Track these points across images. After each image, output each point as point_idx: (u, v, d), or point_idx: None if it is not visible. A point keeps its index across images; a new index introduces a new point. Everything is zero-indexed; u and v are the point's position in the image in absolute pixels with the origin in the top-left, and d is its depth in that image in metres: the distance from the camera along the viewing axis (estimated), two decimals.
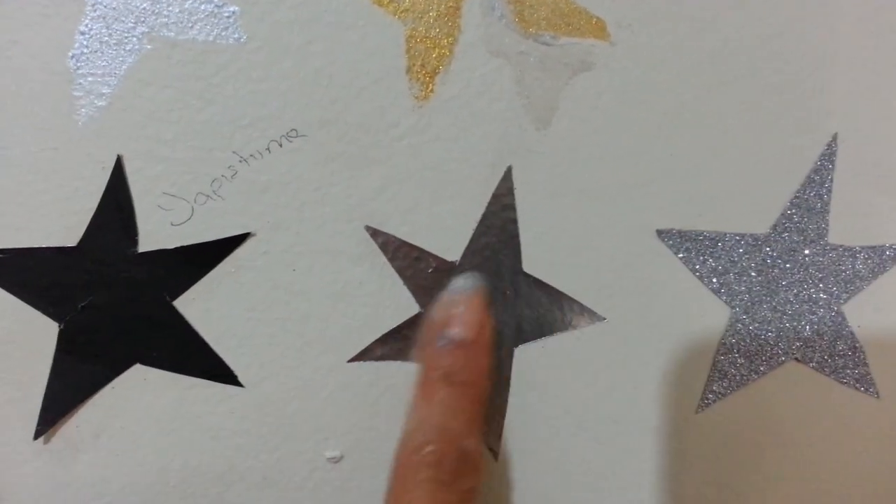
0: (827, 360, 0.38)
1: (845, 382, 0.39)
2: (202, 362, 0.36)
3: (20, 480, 0.36)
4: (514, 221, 0.36)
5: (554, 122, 0.35)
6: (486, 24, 0.34)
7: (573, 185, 0.36)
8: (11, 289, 0.35)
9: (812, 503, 0.40)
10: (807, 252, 0.37)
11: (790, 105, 0.36)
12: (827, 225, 0.37)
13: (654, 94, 0.36)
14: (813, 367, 0.38)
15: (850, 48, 0.36)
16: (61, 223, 0.34)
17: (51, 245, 0.35)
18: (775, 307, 0.37)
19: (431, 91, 0.34)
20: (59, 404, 0.36)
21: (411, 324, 0.37)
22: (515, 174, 0.36)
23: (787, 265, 0.37)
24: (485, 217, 0.36)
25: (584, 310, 0.37)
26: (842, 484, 0.40)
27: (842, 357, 0.38)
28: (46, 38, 0.33)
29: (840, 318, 0.38)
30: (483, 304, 0.33)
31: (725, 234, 0.37)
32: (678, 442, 0.38)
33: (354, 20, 0.34)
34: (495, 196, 0.36)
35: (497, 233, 0.36)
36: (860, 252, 0.37)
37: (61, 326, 0.35)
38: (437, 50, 0.34)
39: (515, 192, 0.36)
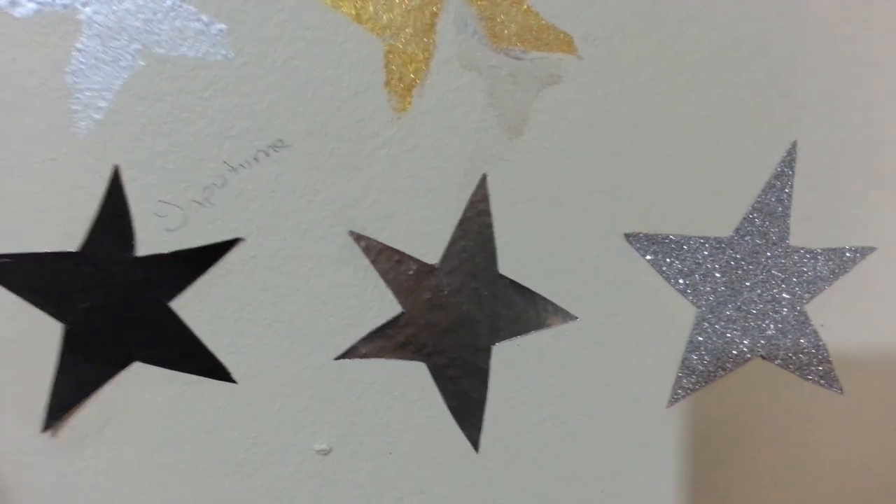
0: (791, 358, 0.38)
1: (810, 379, 0.38)
2: (197, 360, 0.36)
3: (29, 471, 0.37)
4: (490, 226, 0.36)
5: (525, 132, 0.35)
6: (460, 39, 0.34)
7: (545, 192, 0.36)
8: (17, 291, 0.35)
9: (778, 494, 0.39)
10: (769, 254, 0.37)
11: (751, 113, 0.36)
12: (788, 228, 0.37)
13: (620, 105, 0.36)
14: (778, 364, 0.38)
15: (810, 59, 0.36)
16: (63, 229, 0.35)
17: (53, 250, 0.35)
18: (740, 307, 0.37)
19: (409, 103, 0.34)
20: (65, 399, 0.36)
21: (394, 323, 0.37)
22: (490, 181, 0.36)
23: (751, 267, 0.37)
24: (462, 222, 0.36)
25: (557, 309, 0.37)
26: (807, 476, 0.40)
27: (806, 354, 0.38)
28: (45, 55, 0.34)
29: (803, 318, 0.38)
30: None
31: (690, 238, 0.37)
32: (650, 435, 0.38)
33: (335, 37, 0.34)
34: (471, 202, 0.36)
35: (473, 237, 0.36)
36: (821, 254, 0.37)
37: (66, 327, 0.35)
38: (413, 64, 0.34)
39: (490, 198, 0.36)
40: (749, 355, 0.38)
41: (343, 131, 0.35)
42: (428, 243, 0.37)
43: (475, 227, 0.37)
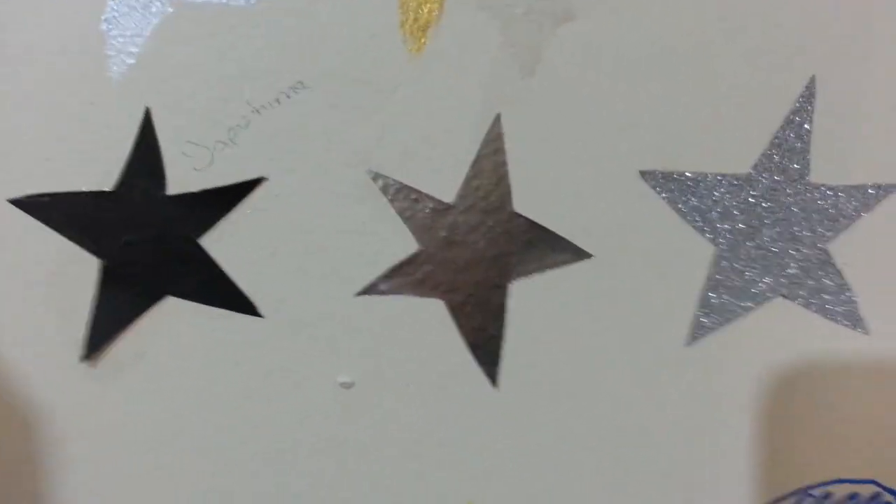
0: (814, 297, 0.39)
1: (833, 319, 0.39)
2: (225, 294, 0.40)
3: (68, 398, 0.41)
4: (504, 165, 0.38)
5: (539, 71, 0.38)
6: None
7: (559, 130, 0.38)
8: (58, 228, 0.39)
9: (797, 434, 0.41)
10: (789, 192, 0.38)
11: (769, 47, 0.38)
12: (808, 165, 0.38)
13: (635, 42, 0.37)
14: (800, 303, 0.39)
15: None
16: (99, 169, 0.39)
17: (91, 189, 0.38)
18: (759, 245, 0.39)
19: (424, 44, 0.37)
20: (102, 331, 0.41)
21: (411, 261, 0.39)
22: (504, 120, 0.38)
23: (770, 204, 0.38)
24: (476, 160, 0.38)
25: (572, 247, 0.39)
26: (830, 417, 0.41)
27: (829, 294, 0.39)
28: (81, 3, 0.37)
29: (825, 256, 0.39)
30: None
31: (707, 175, 0.38)
32: (669, 373, 0.40)
33: None
34: (486, 141, 0.38)
35: (488, 175, 0.39)
36: (842, 191, 0.38)
37: (103, 262, 0.39)
38: (428, 5, 0.36)
39: (505, 136, 0.38)
40: (770, 294, 0.39)
41: (360, 73, 0.38)
42: (444, 182, 0.39)
43: (490, 166, 0.39)
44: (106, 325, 0.41)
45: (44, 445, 0.42)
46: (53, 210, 0.40)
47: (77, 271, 0.40)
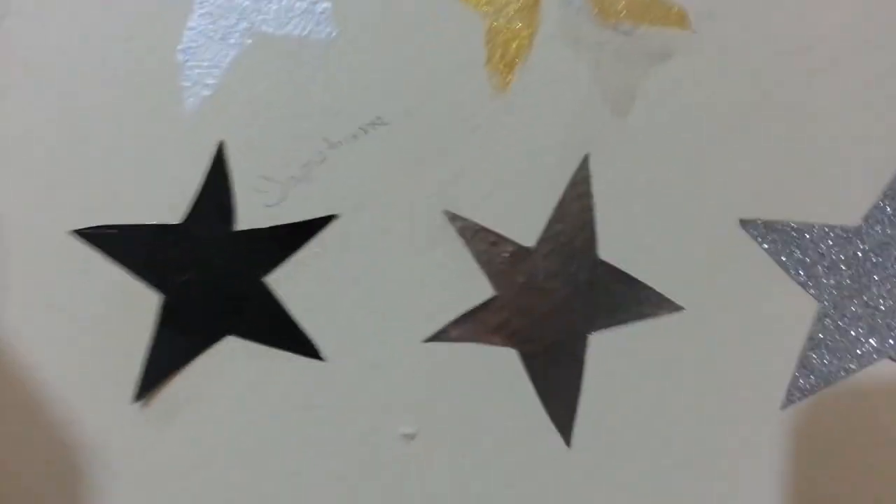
0: None
1: None
2: (288, 336, 0.39)
3: (119, 440, 0.39)
4: (591, 209, 0.37)
5: (632, 112, 0.35)
6: (565, 15, 0.35)
7: (652, 174, 0.36)
8: (121, 261, 0.38)
9: None
10: None
11: (884, 91, 0.35)
12: None
13: (738, 83, 0.36)
14: None
15: None
16: (166, 202, 0.38)
17: (157, 222, 0.37)
18: (867, 303, 0.36)
19: (509, 81, 0.35)
20: (157, 371, 0.39)
21: (486, 307, 0.37)
22: (593, 162, 0.37)
23: (880, 259, 0.36)
24: (561, 204, 0.37)
25: (661, 299, 0.37)
26: None
27: None
28: (158, 33, 0.36)
29: None
30: None
31: (814, 226, 0.36)
32: (761, 438, 0.37)
33: (437, 14, 0.36)
34: (572, 184, 0.37)
35: (573, 220, 0.37)
36: None
37: (163, 299, 0.38)
38: (516, 41, 0.35)
39: (592, 180, 0.36)
40: (875, 356, 0.37)
41: (442, 110, 0.37)
42: (525, 225, 0.37)
43: (575, 210, 0.37)
44: (161, 365, 0.39)
45: (91, 490, 0.40)
46: (117, 243, 0.39)
47: (136, 306, 0.39)
